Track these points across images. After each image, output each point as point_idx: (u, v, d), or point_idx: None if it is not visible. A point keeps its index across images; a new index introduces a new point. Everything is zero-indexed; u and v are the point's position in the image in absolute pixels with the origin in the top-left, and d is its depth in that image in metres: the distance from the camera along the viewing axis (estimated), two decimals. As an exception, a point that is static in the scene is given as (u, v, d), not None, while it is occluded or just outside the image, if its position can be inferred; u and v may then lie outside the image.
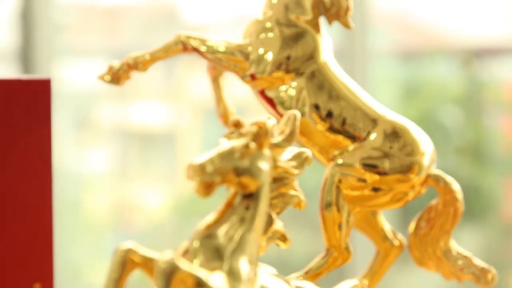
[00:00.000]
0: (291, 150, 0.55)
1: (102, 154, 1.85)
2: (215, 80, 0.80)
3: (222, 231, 0.51)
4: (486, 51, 1.96)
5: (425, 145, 0.76)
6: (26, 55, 1.55)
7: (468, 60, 1.91)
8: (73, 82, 1.76)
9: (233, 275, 0.50)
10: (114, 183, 1.86)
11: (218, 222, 0.52)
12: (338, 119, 0.75)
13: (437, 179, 0.76)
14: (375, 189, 0.75)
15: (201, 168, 0.50)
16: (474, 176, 0.73)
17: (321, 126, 0.75)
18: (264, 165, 0.52)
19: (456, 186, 0.77)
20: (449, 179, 0.77)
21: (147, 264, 0.52)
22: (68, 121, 1.78)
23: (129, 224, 1.86)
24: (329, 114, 0.75)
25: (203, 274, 0.48)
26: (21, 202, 0.78)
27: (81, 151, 1.85)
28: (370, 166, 0.74)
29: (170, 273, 0.47)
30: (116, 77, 0.75)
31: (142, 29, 1.85)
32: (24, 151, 0.78)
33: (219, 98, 0.81)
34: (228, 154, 0.51)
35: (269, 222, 0.53)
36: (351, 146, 0.75)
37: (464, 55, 1.92)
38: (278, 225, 0.54)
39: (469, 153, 1.75)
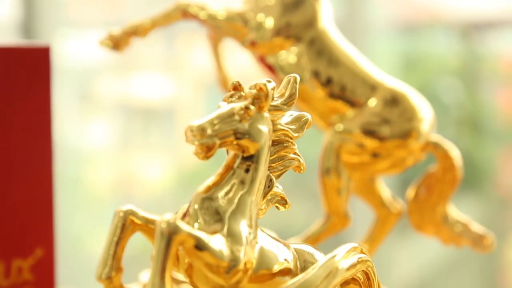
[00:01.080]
0: (291, 114, 0.55)
1: (103, 128, 1.85)
2: (215, 48, 0.80)
3: (221, 194, 0.51)
4: (484, 24, 1.96)
5: (424, 111, 0.76)
6: (27, 28, 1.55)
7: (467, 33, 1.91)
8: (74, 55, 1.76)
9: (232, 237, 0.50)
10: (115, 157, 1.86)
11: (217, 184, 0.52)
12: (338, 85, 0.75)
13: (436, 145, 0.76)
14: (374, 155, 0.75)
15: (201, 130, 0.50)
16: (471, 148, 0.73)
17: (320, 92, 0.75)
18: (263, 128, 0.52)
19: (455, 153, 0.77)
20: (448, 145, 0.77)
21: (147, 226, 0.52)
22: (69, 95, 1.78)
23: (130, 196, 1.86)
24: (329, 80, 0.75)
25: (204, 236, 0.48)
26: (21, 168, 0.79)
27: (82, 125, 1.85)
28: (369, 132, 0.74)
29: (171, 234, 0.47)
30: (116, 43, 0.75)
31: (143, 2, 1.84)
32: (24, 117, 0.78)
33: (219, 65, 0.81)
34: (228, 117, 0.51)
35: (269, 185, 0.53)
36: (350, 112, 0.75)
37: (462, 28, 1.92)
38: (278, 188, 0.54)
39: (467, 125, 1.75)
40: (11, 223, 0.78)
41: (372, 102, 0.75)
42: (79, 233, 1.75)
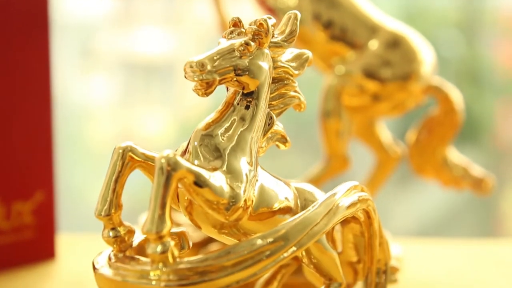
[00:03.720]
0: (292, 51, 0.54)
1: (104, 83, 1.84)
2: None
3: (221, 131, 0.51)
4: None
5: (425, 53, 0.75)
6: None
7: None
8: (75, 11, 1.74)
9: (232, 174, 0.49)
10: (116, 112, 1.86)
11: (217, 121, 0.51)
12: (339, 27, 0.74)
13: (437, 88, 0.76)
14: (375, 97, 0.74)
15: (200, 65, 0.49)
16: (470, 100, 0.73)
17: (321, 34, 0.74)
18: (264, 64, 0.51)
19: (456, 96, 0.76)
20: (449, 88, 0.76)
21: (147, 163, 0.51)
22: (70, 51, 1.77)
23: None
24: (330, 22, 0.74)
25: (204, 172, 0.48)
26: (21, 113, 0.79)
27: (84, 81, 1.84)
28: (370, 74, 0.74)
29: (170, 170, 0.46)
30: None
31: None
32: (23, 64, 0.78)
33: (218, 10, 0.80)
34: (227, 53, 0.50)
35: (269, 122, 0.53)
36: (351, 54, 0.74)
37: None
38: (279, 126, 0.54)
39: (466, 78, 1.74)
40: (11, 166, 0.78)
41: (373, 44, 0.74)
42: (80, 187, 1.76)
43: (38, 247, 0.82)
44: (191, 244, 0.53)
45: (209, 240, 0.72)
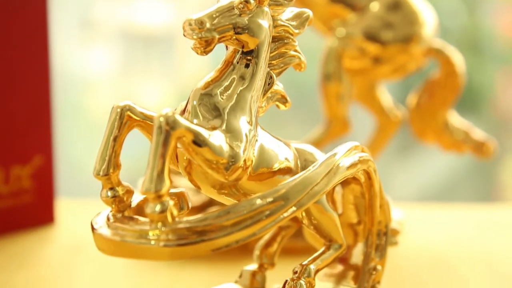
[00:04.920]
0: (292, 10, 0.53)
1: (104, 54, 1.83)
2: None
3: (221, 90, 0.50)
4: None
5: (426, 15, 0.75)
6: None
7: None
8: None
9: (232, 133, 0.49)
10: (116, 83, 1.85)
11: (217, 80, 0.51)
12: None
13: (438, 51, 0.75)
14: (376, 60, 0.74)
15: (199, 23, 0.48)
16: (471, 70, 0.73)
17: None
18: (264, 23, 0.51)
19: (457, 58, 0.76)
20: (451, 51, 0.76)
21: (145, 122, 0.51)
22: (69, 22, 1.76)
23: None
24: None
25: (203, 131, 0.47)
26: (20, 77, 0.78)
27: (83, 52, 1.84)
28: (371, 36, 0.73)
29: (169, 128, 0.46)
30: None
31: None
32: (22, 29, 0.77)
33: None
34: (227, 10, 0.50)
35: (269, 82, 0.52)
36: (351, 17, 0.74)
37: None
38: (279, 86, 0.53)
39: (467, 48, 1.74)
40: (10, 131, 0.78)
41: (374, 6, 0.74)
42: (80, 157, 1.76)
43: (37, 211, 0.82)
44: (190, 205, 0.52)
45: (208, 204, 0.72)
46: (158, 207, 0.46)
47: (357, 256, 0.58)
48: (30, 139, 0.79)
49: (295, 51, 0.53)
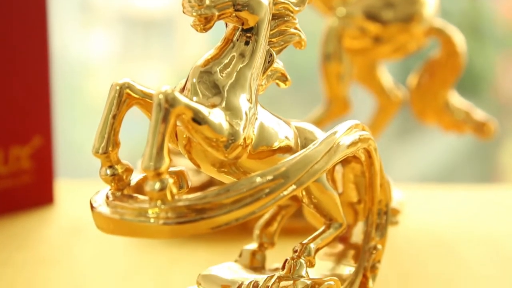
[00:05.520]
0: (292, -13, 0.53)
1: (104, 38, 1.83)
2: None
3: (220, 67, 0.50)
4: None
5: None
6: None
7: None
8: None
9: (232, 111, 0.48)
10: (115, 67, 1.84)
11: (216, 58, 0.50)
12: None
13: (439, 30, 0.75)
14: (377, 39, 0.73)
15: (199, 0, 0.48)
16: (471, 53, 0.72)
17: None
18: (263, 0, 0.50)
19: (458, 38, 0.75)
20: (452, 31, 0.75)
21: (144, 100, 0.50)
22: (69, 6, 1.76)
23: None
24: None
25: (203, 108, 0.47)
26: (19, 57, 0.78)
27: (83, 36, 1.83)
28: (372, 16, 0.73)
29: (169, 105, 0.46)
30: None
31: None
32: (21, 9, 0.77)
33: None
34: (226, -13, 0.49)
35: (269, 60, 0.52)
36: None
37: None
38: (279, 64, 0.53)
39: (467, 31, 1.74)
40: (9, 111, 0.77)
41: None
42: (80, 141, 1.75)
43: (36, 192, 0.82)
44: (190, 184, 0.52)
45: (208, 185, 0.72)
46: (157, 185, 0.45)
47: (357, 235, 0.57)
48: (30, 119, 0.79)
49: (295, 29, 0.53)
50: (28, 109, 0.79)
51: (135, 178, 0.51)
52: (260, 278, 0.53)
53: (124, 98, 0.50)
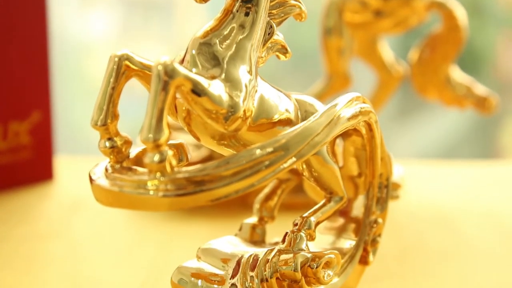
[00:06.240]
0: (292, -41, 0.52)
1: (104, 19, 1.82)
2: None
3: (220, 39, 0.49)
4: None
5: None
6: None
7: None
8: None
9: (231, 82, 0.48)
10: (115, 48, 1.84)
11: (216, 29, 0.50)
12: None
13: (441, 4, 0.74)
14: (378, 13, 0.73)
15: (198, -30, 0.48)
16: (472, 32, 0.72)
17: None
18: (263, -30, 0.50)
19: (460, 12, 0.75)
20: (454, 5, 0.75)
21: (143, 71, 0.50)
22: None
23: (130, 88, 1.85)
24: None
25: (202, 80, 0.47)
26: (17, 32, 0.77)
27: (82, 17, 1.82)
28: None
29: (168, 76, 0.45)
30: None
31: None
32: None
33: None
34: (226, -42, 0.49)
35: (269, 32, 0.51)
36: None
37: None
38: (279, 36, 0.52)
39: (468, 9, 1.73)
40: (7, 86, 0.77)
41: None
42: (79, 121, 1.75)
43: (36, 168, 0.81)
44: (189, 157, 0.52)
45: (208, 160, 0.71)
46: (156, 157, 0.45)
47: (358, 209, 0.57)
48: (28, 95, 0.79)
49: (296, 0, 0.52)
50: (27, 84, 0.78)
51: (134, 151, 0.51)
52: (260, 251, 0.53)
53: (123, 69, 0.49)
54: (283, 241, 0.53)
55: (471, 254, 0.66)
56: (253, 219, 0.58)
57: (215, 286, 0.52)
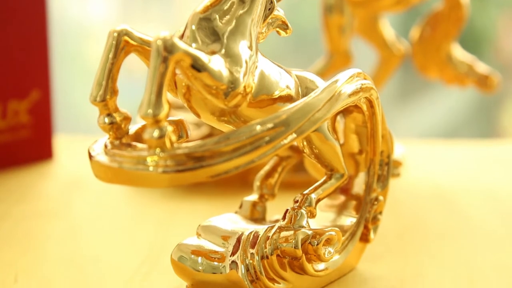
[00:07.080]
0: None
1: (103, 2, 1.81)
2: None
3: (220, 14, 0.49)
4: None
5: None
6: None
7: None
8: None
9: (231, 58, 0.47)
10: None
11: (216, 4, 0.49)
12: None
13: None
14: None
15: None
16: (473, 13, 0.71)
17: None
18: None
19: (462, -9, 0.74)
20: (455, -17, 0.74)
21: (143, 47, 0.49)
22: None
23: (131, 71, 1.85)
24: None
25: (202, 55, 0.46)
26: (16, 10, 0.77)
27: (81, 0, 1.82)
28: None
29: (167, 51, 0.45)
30: None
31: None
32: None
33: None
34: None
35: (270, 7, 0.51)
36: None
37: None
38: (280, 11, 0.52)
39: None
40: (6, 65, 0.77)
41: None
42: (79, 104, 1.75)
43: (35, 146, 0.81)
44: (189, 133, 0.51)
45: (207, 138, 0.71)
46: (156, 133, 0.45)
47: (358, 186, 0.57)
48: (28, 74, 0.78)
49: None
50: (26, 62, 0.78)
51: (134, 127, 0.51)
52: (261, 228, 0.52)
53: (122, 45, 0.49)
54: (284, 218, 0.52)
55: (471, 232, 0.66)
56: (253, 197, 0.58)
57: (215, 263, 0.52)
